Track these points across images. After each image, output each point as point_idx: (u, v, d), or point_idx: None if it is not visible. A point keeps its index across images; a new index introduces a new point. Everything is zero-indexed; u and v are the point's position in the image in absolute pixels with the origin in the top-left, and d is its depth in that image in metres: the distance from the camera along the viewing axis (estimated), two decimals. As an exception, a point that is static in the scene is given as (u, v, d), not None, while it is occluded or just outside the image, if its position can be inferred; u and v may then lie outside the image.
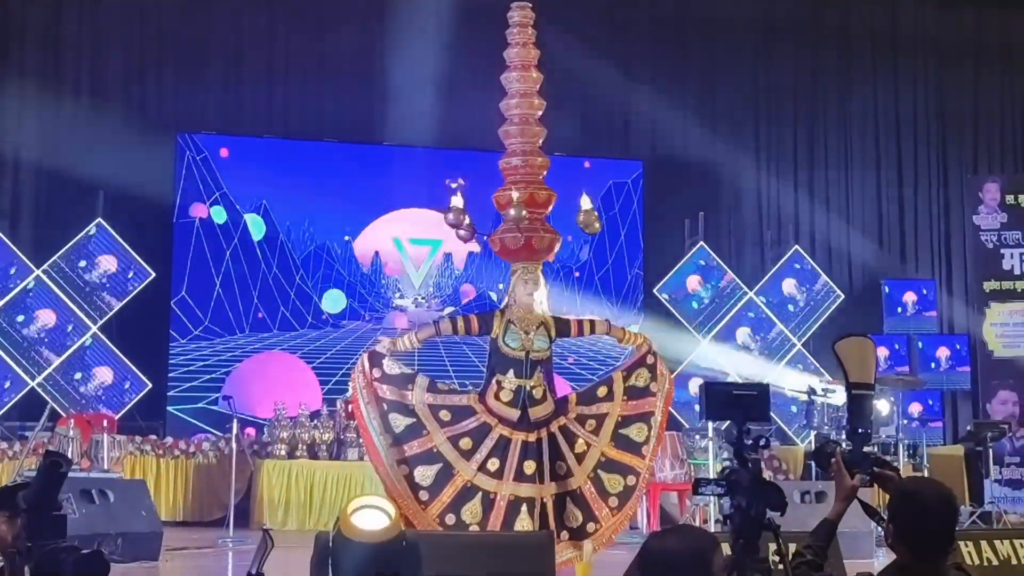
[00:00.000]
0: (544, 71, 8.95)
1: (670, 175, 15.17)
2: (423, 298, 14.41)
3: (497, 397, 8.52)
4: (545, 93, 8.89)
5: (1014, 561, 5.89)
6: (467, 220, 8.91)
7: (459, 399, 8.61)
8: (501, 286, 14.25)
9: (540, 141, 9.05)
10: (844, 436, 4.41)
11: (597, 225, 9.53)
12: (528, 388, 8.53)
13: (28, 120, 13.74)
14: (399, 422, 8.36)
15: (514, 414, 8.47)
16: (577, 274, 14.66)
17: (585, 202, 9.39)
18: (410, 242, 14.45)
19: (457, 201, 8.87)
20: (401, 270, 14.57)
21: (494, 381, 8.60)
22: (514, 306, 8.73)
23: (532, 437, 8.42)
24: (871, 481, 4.16)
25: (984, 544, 5.81)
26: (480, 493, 8.29)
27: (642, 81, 15.28)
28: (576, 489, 8.45)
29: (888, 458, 4.59)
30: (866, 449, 4.20)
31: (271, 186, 14.29)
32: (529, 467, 8.34)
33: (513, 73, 9.03)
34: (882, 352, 14.32)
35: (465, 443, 8.38)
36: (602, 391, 8.77)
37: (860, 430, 4.22)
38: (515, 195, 8.78)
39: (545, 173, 9.13)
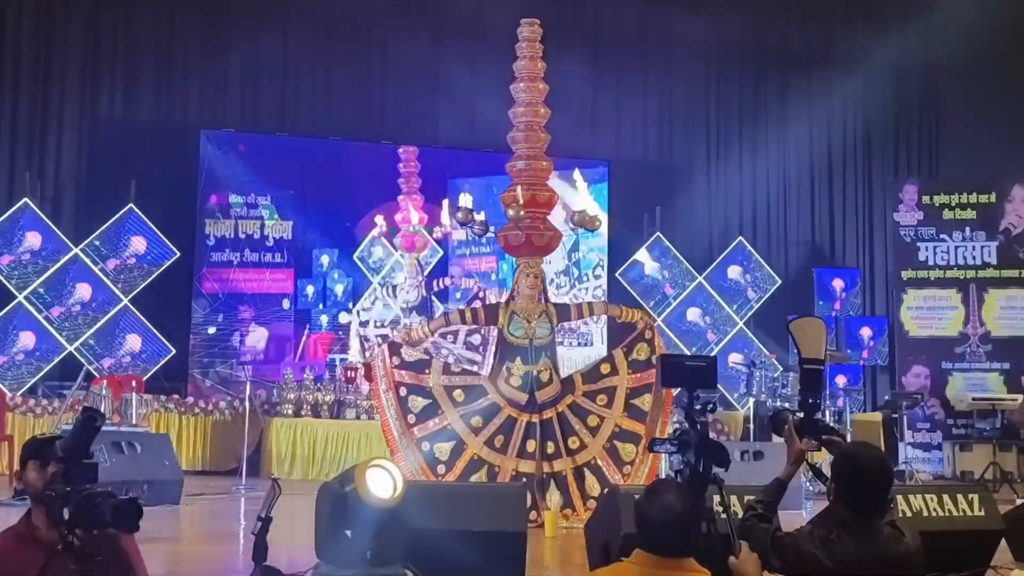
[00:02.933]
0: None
1: (631, 174, 15.18)
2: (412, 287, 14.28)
3: (507, 382, 8.50)
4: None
5: (925, 513, 5.91)
6: (478, 217, 8.89)
7: (472, 379, 8.60)
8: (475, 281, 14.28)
9: (544, 147, 9.02)
10: (796, 405, 4.37)
11: (598, 224, 9.55)
12: (535, 373, 8.50)
13: (69, 117, 13.65)
14: (417, 404, 8.34)
15: (523, 397, 8.44)
16: (550, 261, 14.62)
17: (582, 205, 9.38)
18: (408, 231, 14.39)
19: (465, 201, 8.86)
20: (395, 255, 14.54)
21: (504, 368, 8.57)
22: (518, 298, 8.71)
23: (536, 418, 8.41)
24: (819, 445, 4.13)
25: (900, 498, 5.82)
26: (486, 466, 8.29)
27: (608, 92, 15.30)
28: (592, 459, 8.42)
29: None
30: (816, 417, 4.18)
31: (283, 178, 14.25)
32: (531, 445, 8.33)
33: (521, 84, 9.00)
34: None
35: (476, 421, 8.36)
36: (605, 368, 8.71)
37: (811, 400, 4.19)
38: (515, 199, 8.77)
39: (548, 176, 9.11)
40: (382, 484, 5.47)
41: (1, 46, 13.50)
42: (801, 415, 4.18)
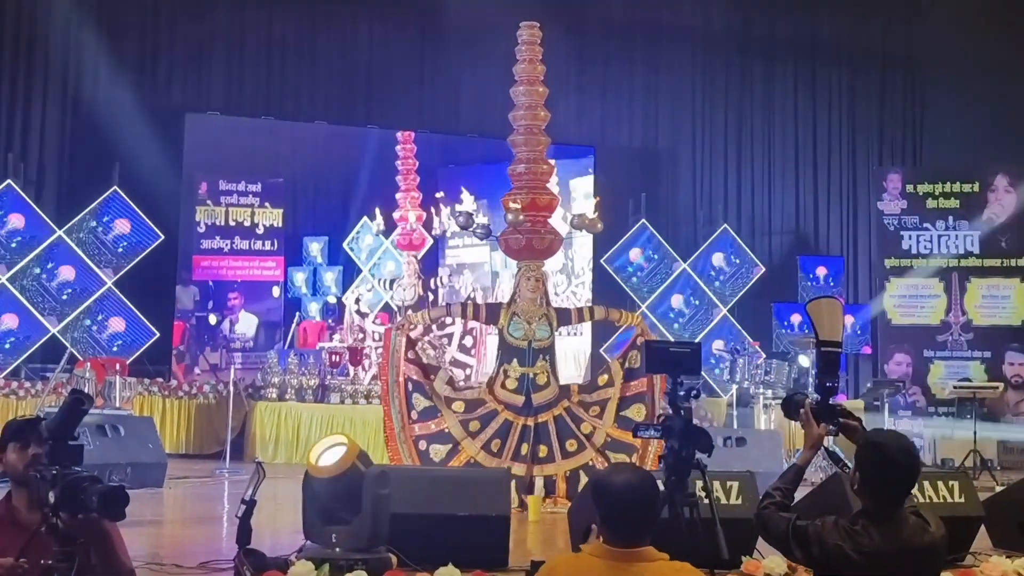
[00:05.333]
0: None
1: (617, 161, 15.19)
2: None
3: (503, 385, 8.52)
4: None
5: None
6: (478, 220, 8.92)
7: (471, 393, 8.64)
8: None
9: (544, 149, 8.99)
10: (812, 389, 4.26)
11: (600, 226, 9.59)
12: (532, 375, 8.52)
13: (52, 99, 13.55)
14: (420, 403, 8.38)
15: (519, 400, 8.46)
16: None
17: (584, 208, 9.42)
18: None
19: (466, 205, 8.91)
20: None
21: (501, 370, 8.60)
22: (519, 300, 8.73)
23: (531, 422, 8.43)
24: (837, 431, 3.98)
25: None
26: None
27: (595, 80, 15.28)
28: (589, 462, 8.45)
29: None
30: (832, 401, 4.02)
31: (266, 160, 14.21)
32: (524, 448, 8.36)
33: (520, 87, 8.99)
34: (797, 318, 14.43)
35: (473, 425, 8.40)
36: (603, 379, 8.75)
37: (828, 383, 4.03)
38: (514, 203, 8.77)
39: (548, 179, 9.09)
40: (329, 455, 5.48)
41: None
42: (818, 398, 4.03)
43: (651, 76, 15.60)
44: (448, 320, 12.73)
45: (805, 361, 12.09)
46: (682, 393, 4.41)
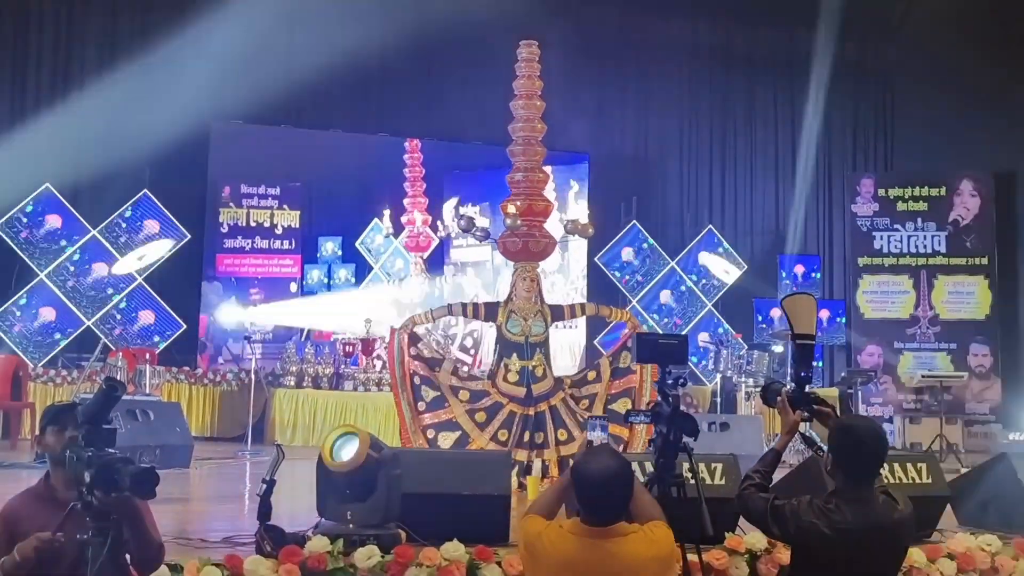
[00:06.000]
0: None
1: (610, 166, 15.19)
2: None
3: (505, 379, 8.50)
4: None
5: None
6: (479, 224, 8.91)
7: (476, 384, 8.60)
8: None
9: (541, 159, 8.99)
10: (788, 379, 4.22)
11: (591, 231, 9.59)
12: (531, 368, 8.51)
13: (87, 106, 13.53)
14: (428, 394, 8.36)
15: (521, 392, 8.45)
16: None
17: (577, 214, 9.42)
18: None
19: (469, 209, 8.90)
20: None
21: (502, 365, 8.58)
22: (515, 298, 8.72)
23: (532, 411, 8.43)
24: (810, 417, 4.03)
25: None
26: None
27: (589, 90, 15.25)
28: (578, 450, 8.44)
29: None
30: (807, 390, 4.06)
31: (284, 165, 14.23)
32: (526, 436, 8.37)
33: (520, 101, 8.98)
34: (776, 312, 14.43)
35: (480, 416, 8.37)
36: (591, 375, 8.73)
37: (803, 374, 4.07)
38: (512, 208, 8.78)
39: (544, 187, 9.09)
40: (345, 451, 5.47)
41: (25, 43, 13.38)
42: (793, 387, 4.07)
43: (642, 89, 15.59)
44: (452, 321, 12.73)
45: (778, 348, 12.20)
46: (670, 381, 4.40)
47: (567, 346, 13.74)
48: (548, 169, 9.19)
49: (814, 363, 4.14)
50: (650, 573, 3.46)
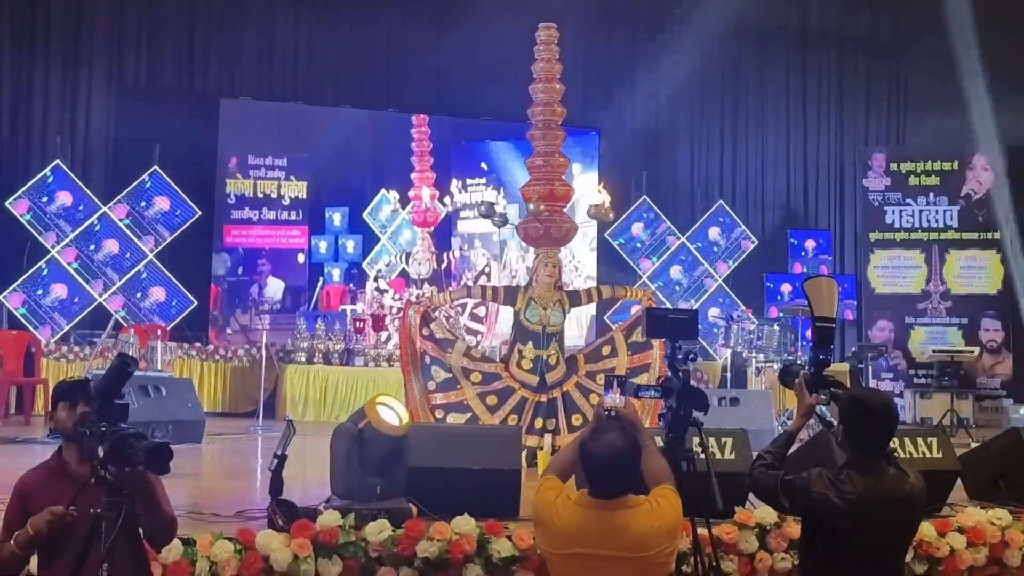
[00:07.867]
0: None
1: (620, 142, 15.14)
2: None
3: (519, 365, 8.43)
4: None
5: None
6: (499, 210, 8.85)
7: (489, 366, 8.52)
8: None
9: (560, 144, 8.90)
10: (807, 361, 4.21)
11: (611, 215, 9.53)
12: (545, 357, 8.45)
13: (97, 85, 13.55)
14: (439, 375, 8.30)
15: (533, 380, 8.39)
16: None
17: (599, 198, 9.34)
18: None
19: (488, 195, 8.84)
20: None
21: (516, 351, 8.51)
22: (535, 285, 8.61)
23: (545, 398, 8.39)
24: (828, 400, 4.00)
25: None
26: None
27: (600, 66, 15.20)
28: None
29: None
30: (825, 372, 4.04)
31: (293, 141, 14.24)
32: (538, 423, 8.34)
33: (539, 85, 8.89)
34: (787, 287, 14.40)
35: (491, 400, 8.32)
36: (606, 349, 8.63)
37: (822, 356, 4.03)
38: (538, 195, 8.73)
39: (564, 171, 9.01)
40: (391, 416, 5.53)
41: (33, 21, 13.37)
42: (812, 370, 4.05)
43: (653, 63, 15.50)
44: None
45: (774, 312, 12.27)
46: (680, 356, 4.40)
47: (574, 317, 13.71)
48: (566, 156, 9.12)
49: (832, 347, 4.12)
50: (656, 545, 3.48)
